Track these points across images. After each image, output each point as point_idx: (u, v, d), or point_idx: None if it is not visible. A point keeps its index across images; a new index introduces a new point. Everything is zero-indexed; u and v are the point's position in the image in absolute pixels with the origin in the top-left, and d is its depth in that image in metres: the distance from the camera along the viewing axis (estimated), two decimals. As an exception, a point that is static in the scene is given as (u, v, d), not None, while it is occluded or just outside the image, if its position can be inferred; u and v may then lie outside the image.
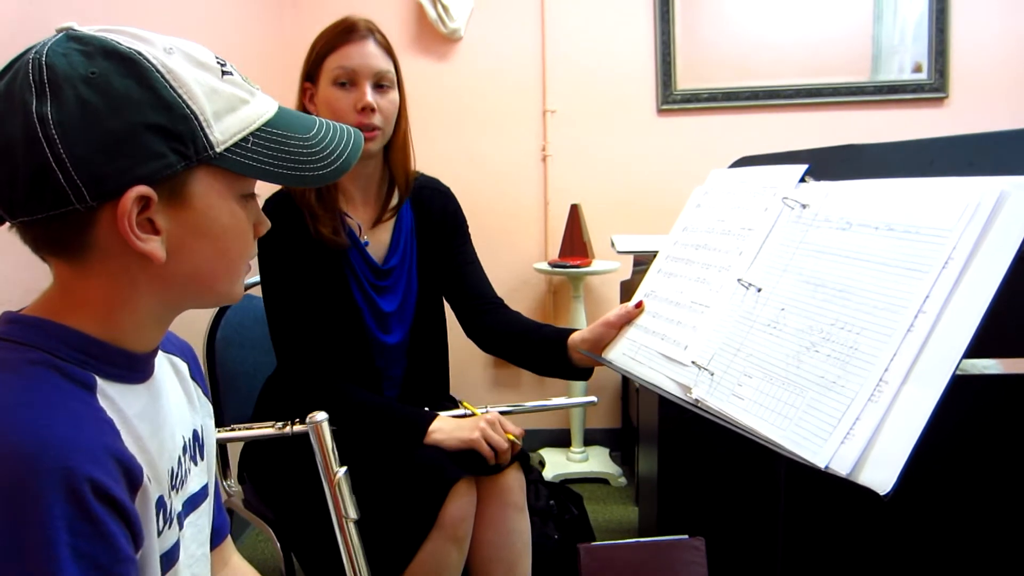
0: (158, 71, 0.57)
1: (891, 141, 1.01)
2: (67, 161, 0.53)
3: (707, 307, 0.99)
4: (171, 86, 0.57)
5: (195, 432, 0.77)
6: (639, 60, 2.77)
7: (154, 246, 0.58)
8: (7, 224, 0.59)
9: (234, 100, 0.61)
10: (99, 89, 0.54)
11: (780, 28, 2.71)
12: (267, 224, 0.70)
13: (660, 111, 2.78)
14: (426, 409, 1.33)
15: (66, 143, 0.53)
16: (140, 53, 0.57)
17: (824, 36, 2.71)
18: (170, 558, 0.66)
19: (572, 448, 2.77)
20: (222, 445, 1.63)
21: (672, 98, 2.77)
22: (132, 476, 0.56)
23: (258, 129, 0.63)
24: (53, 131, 0.53)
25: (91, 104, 0.54)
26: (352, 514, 1.02)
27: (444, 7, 2.67)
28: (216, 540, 0.85)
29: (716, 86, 2.76)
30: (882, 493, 0.62)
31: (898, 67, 2.73)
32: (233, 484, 1.60)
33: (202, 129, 0.58)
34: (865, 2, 2.67)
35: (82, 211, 0.55)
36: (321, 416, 1.04)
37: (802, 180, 1.00)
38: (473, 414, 1.33)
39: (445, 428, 1.27)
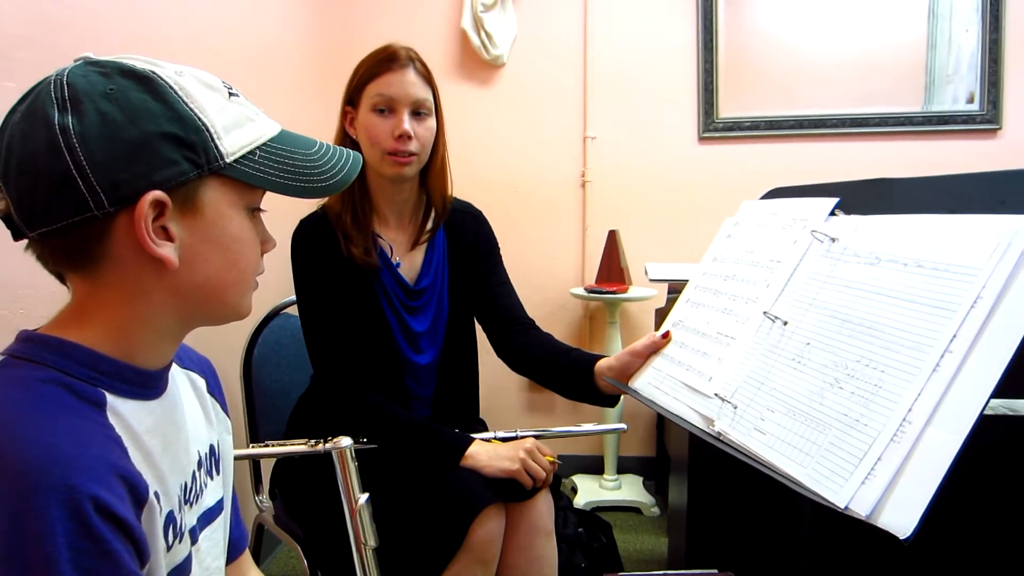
0: (171, 87, 0.61)
1: (923, 176, 1.00)
2: (87, 168, 0.56)
3: (733, 339, 0.98)
4: (184, 100, 0.61)
5: (211, 447, 0.79)
6: (681, 87, 2.77)
7: (168, 251, 0.60)
8: (24, 241, 0.61)
9: (241, 117, 0.65)
10: (117, 102, 0.58)
11: (827, 56, 2.68)
12: (274, 242, 0.72)
13: (701, 139, 2.77)
14: (457, 431, 1.34)
15: (86, 151, 0.56)
16: (155, 72, 0.61)
17: (874, 64, 2.67)
18: (181, 572, 0.67)
19: (605, 475, 2.74)
20: (255, 461, 1.66)
21: (714, 126, 2.76)
22: (137, 493, 0.57)
23: (264, 144, 0.66)
24: (74, 140, 0.56)
25: (110, 116, 0.57)
26: (371, 542, 1.03)
27: (488, 34, 2.72)
28: (233, 554, 0.86)
29: (759, 114, 2.74)
30: (902, 537, 0.60)
31: (952, 97, 2.67)
32: (265, 500, 1.63)
33: (213, 140, 0.62)
34: (919, 31, 2.63)
35: (100, 218, 0.58)
36: (346, 442, 1.06)
37: (832, 213, 0.99)
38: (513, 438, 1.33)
39: (484, 454, 1.27)
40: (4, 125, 0.60)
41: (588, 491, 2.70)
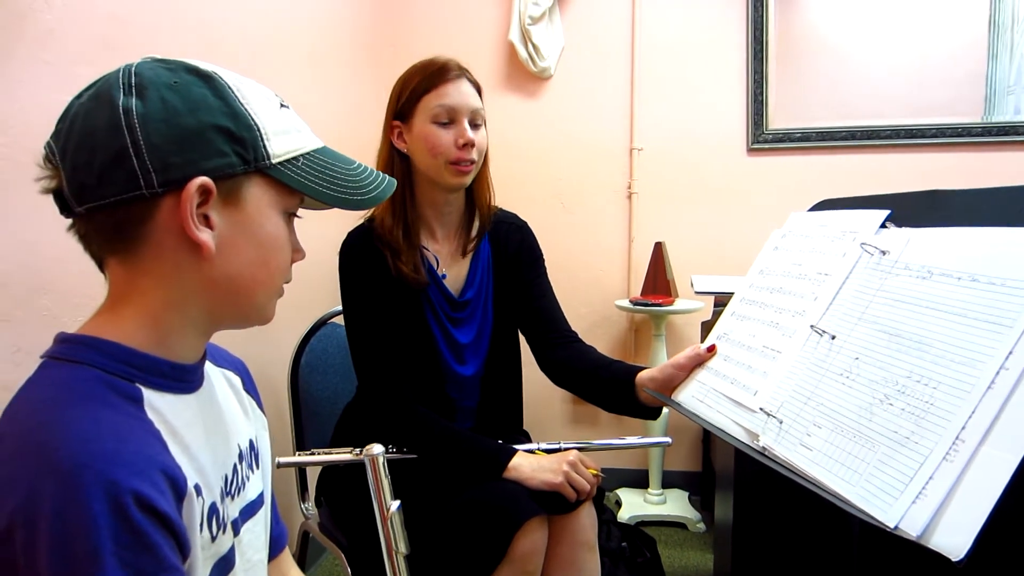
0: (230, 87, 0.66)
1: (978, 188, 0.97)
2: (143, 147, 0.60)
3: (779, 352, 0.96)
4: (240, 100, 0.65)
5: (251, 441, 0.81)
6: (730, 98, 2.74)
7: (207, 236, 0.63)
8: (69, 214, 0.64)
9: (289, 126, 0.69)
10: (179, 93, 0.63)
11: (881, 65, 2.63)
12: (303, 253, 0.75)
13: (750, 150, 2.74)
14: (501, 442, 1.34)
15: (145, 132, 0.60)
16: (216, 72, 0.66)
17: (930, 75, 2.60)
18: (227, 563, 0.69)
19: (650, 490, 2.71)
20: (301, 469, 1.69)
21: (763, 137, 2.72)
22: (177, 487, 0.60)
23: (308, 153, 0.70)
24: (135, 120, 0.60)
25: (171, 103, 0.62)
26: (403, 549, 1.04)
27: (535, 46, 2.73)
28: (274, 550, 0.88)
29: (810, 125, 2.69)
30: (954, 560, 0.58)
31: (1014, 108, 2.59)
32: (311, 507, 1.65)
33: (262, 140, 0.66)
34: (979, 40, 2.56)
35: (147, 198, 0.61)
36: (378, 449, 1.07)
37: (883, 226, 0.97)
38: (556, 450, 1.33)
39: (527, 466, 1.27)
40: (69, 107, 0.64)
41: (632, 505, 2.67)
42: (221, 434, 0.73)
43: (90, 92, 0.63)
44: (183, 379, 0.69)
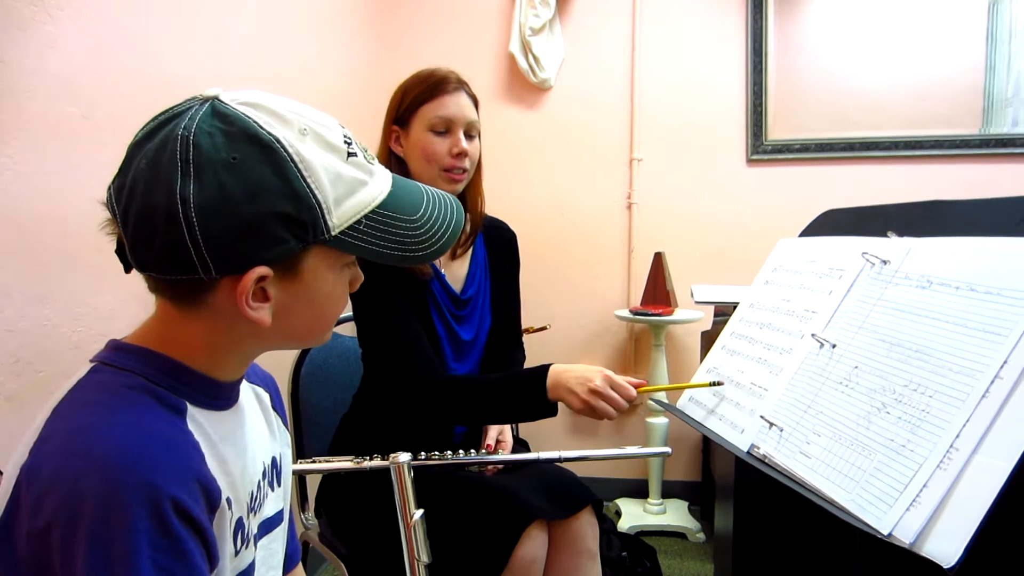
0: (293, 160, 0.61)
1: (981, 198, 0.98)
2: (200, 241, 0.59)
3: (765, 390, 0.97)
4: (303, 176, 0.61)
5: (274, 459, 0.82)
6: (729, 109, 2.75)
7: (263, 314, 0.63)
8: (131, 270, 0.65)
9: (354, 184, 0.66)
10: (238, 176, 0.59)
11: (880, 78, 2.64)
12: (361, 278, 0.74)
13: (749, 161, 2.75)
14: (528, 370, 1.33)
15: (203, 224, 0.58)
16: (278, 140, 0.61)
17: (929, 87, 2.61)
18: None
19: (650, 499, 2.71)
20: (301, 477, 1.68)
21: (762, 148, 2.73)
22: (211, 498, 0.61)
23: (371, 211, 0.67)
24: (193, 213, 0.58)
25: (229, 189, 0.59)
26: (424, 558, 1.04)
27: (535, 57, 2.75)
28: (288, 566, 0.89)
29: (809, 136, 2.71)
30: (946, 566, 0.59)
31: (1012, 120, 2.60)
32: (310, 517, 1.65)
33: (323, 216, 0.63)
34: (976, 54, 2.57)
35: (205, 280, 0.61)
36: (404, 457, 1.07)
37: (885, 235, 0.98)
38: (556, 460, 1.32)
39: (568, 377, 1.23)
40: (130, 159, 0.62)
41: (632, 515, 2.67)
42: (251, 451, 0.74)
43: (150, 153, 0.60)
44: (221, 396, 0.70)
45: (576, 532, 1.31)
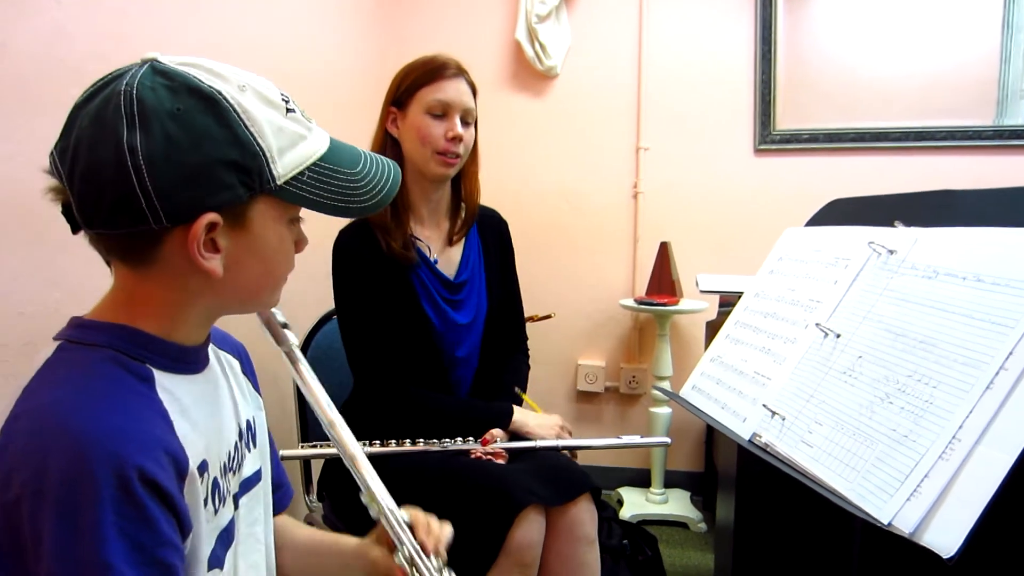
0: (235, 110, 0.63)
1: (987, 188, 0.97)
2: (150, 189, 0.60)
3: (769, 379, 0.97)
4: (245, 124, 0.63)
5: (248, 422, 0.83)
6: (737, 99, 2.73)
7: (215, 264, 0.65)
8: (80, 231, 0.66)
9: (295, 137, 0.68)
10: (183, 125, 0.61)
11: (891, 67, 2.61)
12: (306, 241, 0.76)
13: (757, 151, 2.73)
14: (496, 404, 1.46)
15: (151, 173, 0.59)
16: (220, 92, 0.63)
17: (941, 77, 2.58)
18: (228, 535, 0.72)
19: (652, 489, 2.71)
20: (306, 462, 1.70)
21: (771, 138, 2.72)
22: (180, 466, 0.62)
23: (313, 164, 0.69)
24: (141, 161, 0.59)
25: (175, 138, 0.60)
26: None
27: (541, 45, 2.74)
28: (284, 502, 0.94)
29: (818, 126, 2.68)
30: (945, 556, 0.59)
31: (1027, 111, 2.57)
32: (314, 500, 1.67)
33: (268, 165, 0.65)
34: (991, 44, 2.54)
35: (155, 230, 0.62)
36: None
37: (892, 225, 0.97)
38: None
39: (530, 422, 1.41)
40: (72, 121, 0.63)
41: (634, 504, 2.67)
42: (224, 413, 0.76)
43: (92, 111, 0.62)
44: (189, 360, 0.71)
45: (574, 518, 1.31)
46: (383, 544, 0.81)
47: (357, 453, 0.83)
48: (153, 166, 0.59)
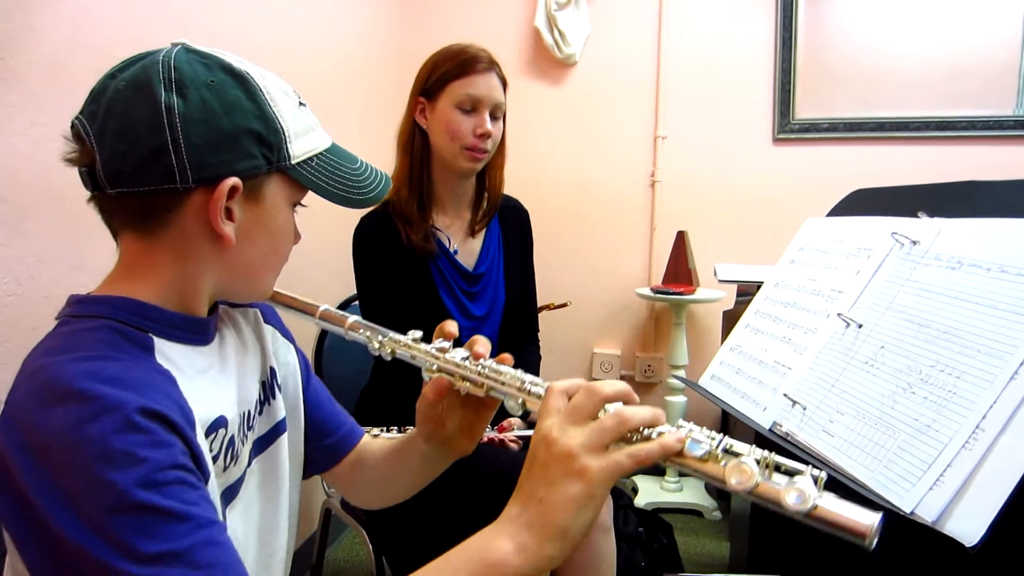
0: (262, 89, 0.69)
1: (1012, 179, 0.96)
2: (183, 146, 0.64)
3: (789, 369, 0.97)
4: (269, 102, 0.69)
5: (272, 370, 0.85)
6: (756, 87, 2.71)
7: (230, 229, 0.68)
8: (97, 193, 0.67)
9: (307, 126, 0.74)
10: (217, 94, 0.66)
11: (912, 56, 2.58)
12: (300, 236, 0.80)
13: (776, 140, 2.72)
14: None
15: (185, 131, 0.64)
16: (248, 72, 0.69)
17: (962, 66, 2.55)
18: (232, 492, 0.73)
19: (667, 477, 2.72)
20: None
21: (790, 127, 2.70)
22: (186, 415, 0.61)
23: (320, 153, 0.75)
24: (177, 119, 0.63)
25: (210, 104, 0.65)
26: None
27: (561, 32, 2.73)
28: (352, 440, 0.97)
29: (838, 115, 2.66)
30: (968, 545, 0.59)
31: (1049, 101, 2.54)
32: (331, 486, 1.68)
33: (286, 142, 0.70)
34: (1013, 32, 2.50)
35: (180, 190, 0.65)
36: None
37: (916, 215, 0.97)
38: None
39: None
40: (103, 88, 0.66)
41: (649, 492, 2.69)
42: (241, 376, 0.78)
43: (128, 77, 0.65)
44: (196, 330, 0.72)
45: None
46: (434, 392, 0.80)
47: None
48: (188, 125, 0.64)
